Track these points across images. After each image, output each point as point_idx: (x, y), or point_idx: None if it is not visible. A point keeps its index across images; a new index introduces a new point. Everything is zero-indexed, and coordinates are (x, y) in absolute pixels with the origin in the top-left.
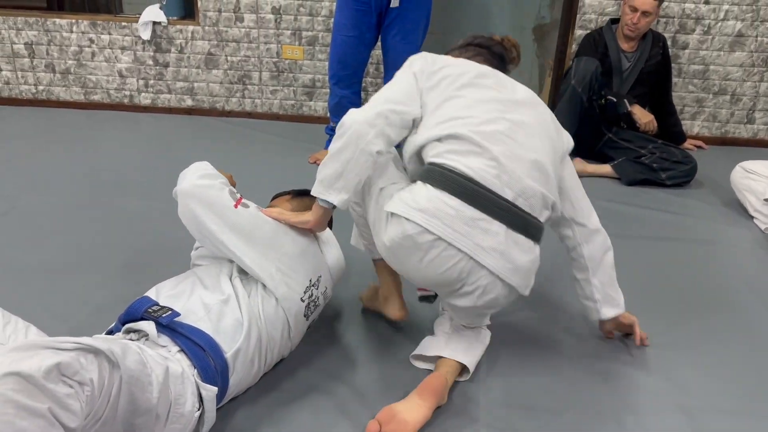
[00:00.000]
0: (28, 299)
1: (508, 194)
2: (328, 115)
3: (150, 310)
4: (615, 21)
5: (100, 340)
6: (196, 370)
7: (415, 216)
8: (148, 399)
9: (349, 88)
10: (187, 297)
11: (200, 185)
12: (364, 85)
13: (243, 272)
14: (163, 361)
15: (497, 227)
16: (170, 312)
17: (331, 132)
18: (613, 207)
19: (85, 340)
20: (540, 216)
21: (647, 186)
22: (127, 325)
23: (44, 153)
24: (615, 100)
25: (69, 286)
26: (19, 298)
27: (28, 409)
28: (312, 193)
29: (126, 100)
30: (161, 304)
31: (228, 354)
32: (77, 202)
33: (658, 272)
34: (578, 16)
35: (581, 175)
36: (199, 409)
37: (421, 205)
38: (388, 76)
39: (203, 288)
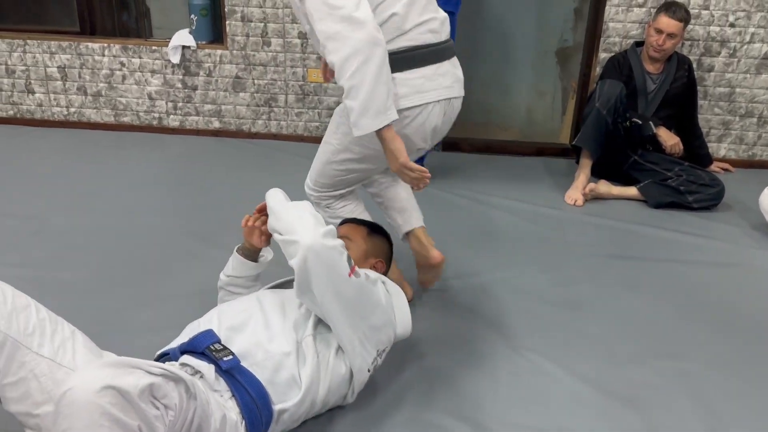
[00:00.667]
0: (60, 316)
1: (432, 39)
2: None
3: (212, 348)
4: (640, 44)
5: (178, 369)
6: (244, 422)
7: (405, 103)
8: None
9: None
10: (249, 334)
11: (328, 247)
12: None
13: (318, 328)
14: (219, 408)
15: (445, 66)
16: (231, 357)
17: None
18: (639, 230)
19: (168, 367)
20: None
21: (674, 209)
22: (186, 357)
23: (75, 173)
24: (640, 122)
25: (100, 303)
26: None
27: (121, 423)
28: (373, 128)
29: (155, 122)
30: (222, 340)
31: (276, 407)
32: (107, 221)
33: (685, 296)
34: (602, 39)
35: (607, 198)
36: None
37: (402, 92)
38: None
39: (266, 329)
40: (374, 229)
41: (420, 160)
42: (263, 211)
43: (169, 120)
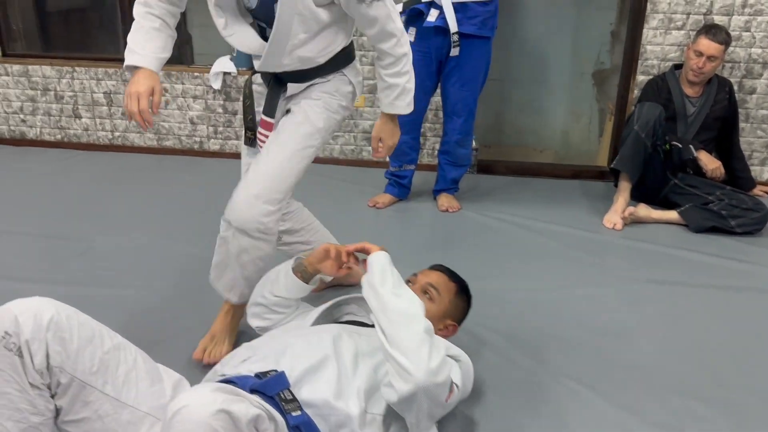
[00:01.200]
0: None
1: None
2: (388, 159)
3: (282, 396)
4: (678, 66)
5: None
6: None
7: None
8: None
9: (408, 134)
10: (322, 384)
11: (438, 384)
12: (422, 130)
13: (389, 409)
14: None
15: None
16: (300, 414)
17: (391, 176)
18: (680, 254)
19: (264, 403)
20: None
21: (716, 233)
22: (256, 398)
23: (119, 196)
24: (680, 145)
25: (146, 323)
26: None
27: None
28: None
29: (196, 146)
30: (291, 382)
31: None
32: (150, 242)
33: (728, 323)
34: (639, 61)
35: (647, 221)
36: None
37: None
38: (448, 124)
39: (338, 381)
40: (463, 289)
41: (454, 184)
42: (351, 254)
43: (209, 144)
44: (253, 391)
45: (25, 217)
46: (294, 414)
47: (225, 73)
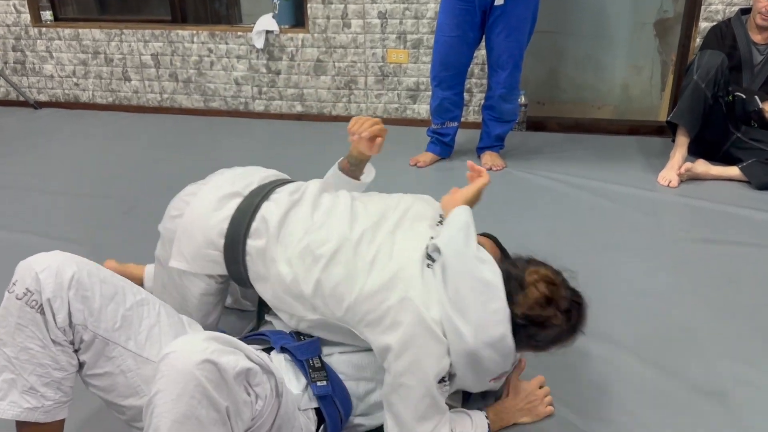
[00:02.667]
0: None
1: None
2: (431, 117)
3: (311, 363)
4: (745, 11)
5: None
6: None
7: None
8: None
9: (450, 90)
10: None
11: (489, 360)
12: (468, 86)
13: None
14: (302, 420)
15: None
16: (325, 385)
17: (433, 134)
18: (740, 212)
19: (266, 358)
20: None
21: None
22: (284, 358)
23: (166, 157)
24: (744, 96)
25: None
26: None
27: (212, 399)
28: None
29: (241, 107)
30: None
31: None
32: None
33: None
34: (703, 7)
35: (705, 178)
36: None
37: None
38: (492, 77)
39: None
40: (507, 258)
41: (499, 141)
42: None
43: (254, 105)
44: (283, 349)
45: (76, 178)
46: (319, 384)
47: (267, 32)
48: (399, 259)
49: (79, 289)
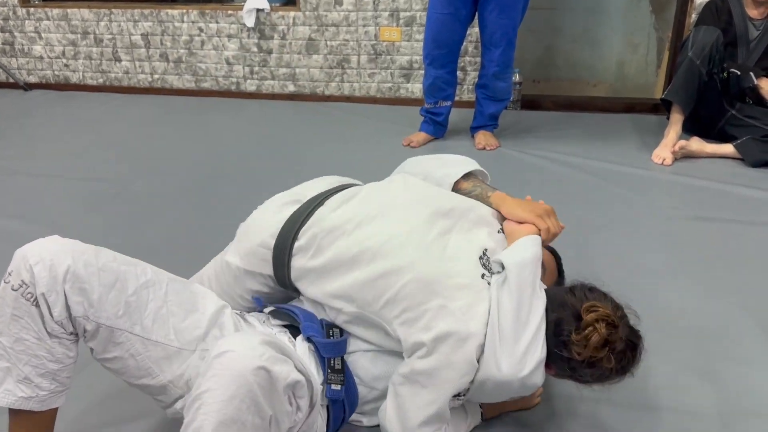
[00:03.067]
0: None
1: None
2: (423, 96)
3: (332, 364)
4: None
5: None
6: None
7: None
8: None
9: (443, 68)
10: (364, 357)
11: (522, 387)
12: (462, 64)
13: None
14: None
15: None
16: (340, 389)
17: (426, 113)
18: (733, 190)
19: (305, 366)
20: None
21: None
22: (308, 348)
23: (157, 139)
24: (739, 72)
25: (178, 264)
26: None
27: (259, 407)
28: None
29: (233, 87)
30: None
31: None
32: (184, 186)
33: None
34: None
35: (699, 156)
36: None
37: None
38: (485, 55)
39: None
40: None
41: (493, 120)
42: None
43: (246, 85)
44: (309, 339)
45: (66, 161)
46: (333, 387)
47: (258, 10)
48: (449, 263)
49: (76, 281)
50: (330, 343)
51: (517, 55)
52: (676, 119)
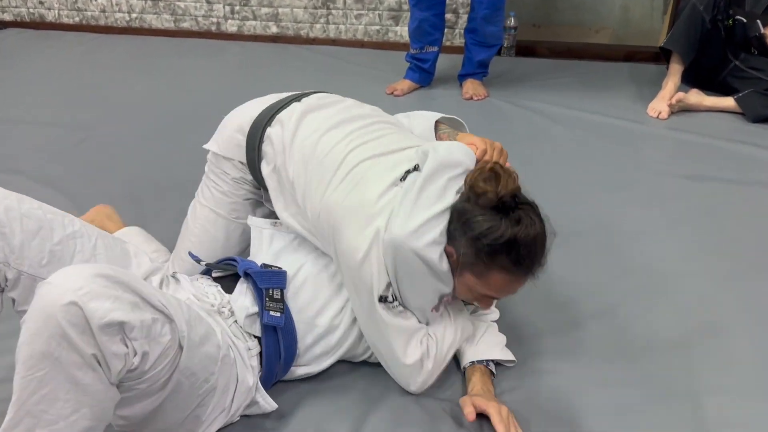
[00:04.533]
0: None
1: None
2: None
3: (270, 294)
4: None
5: (183, 311)
6: (258, 382)
7: None
8: (191, 401)
9: (429, 10)
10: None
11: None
12: (454, 6)
13: None
14: (241, 368)
15: None
16: (279, 316)
17: (411, 60)
18: (730, 147)
19: (172, 307)
20: None
21: None
22: (246, 287)
23: (131, 82)
24: (745, 20)
25: (128, 220)
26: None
27: (72, 344)
28: None
29: (213, 28)
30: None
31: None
32: (152, 134)
33: None
34: None
35: (698, 110)
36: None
37: None
38: None
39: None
40: None
41: (482, 68)
42: None
43: (227, 25)
44: (246, 275)
45: (37, 105)
46: (272, 313)
47: None
48: (364, 191)
49: None
50: (267, 272)
51: None
52: (675, 70)
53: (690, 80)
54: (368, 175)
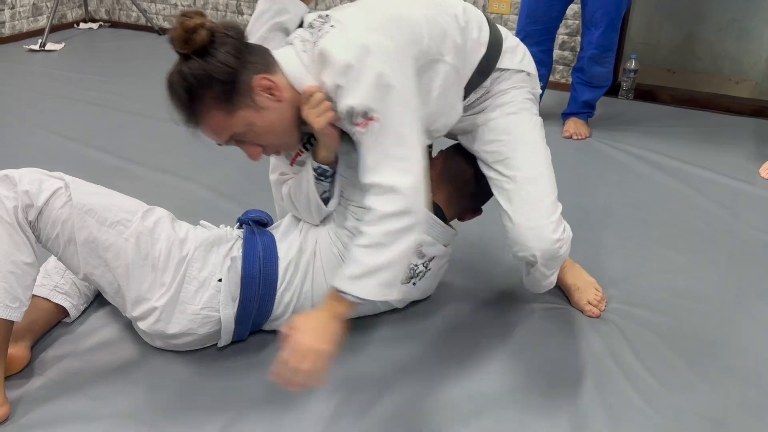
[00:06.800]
0: None
1: None
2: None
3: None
4: None
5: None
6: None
7: None
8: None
9: (537, 46)
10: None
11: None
12: (572, 44)
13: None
14: (207, 274)
15: None
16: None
17: None
18: None
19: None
20: None
21: None
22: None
23: None
24: None
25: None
26: None
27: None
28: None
29: None
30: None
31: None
32: None
33: None
34: None
35: None
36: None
37: None
38: (585, 36)
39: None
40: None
41: (587, 108)
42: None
43: None
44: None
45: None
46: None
47: None
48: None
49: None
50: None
51: (651, 41)
52: None
53: None
54: None
